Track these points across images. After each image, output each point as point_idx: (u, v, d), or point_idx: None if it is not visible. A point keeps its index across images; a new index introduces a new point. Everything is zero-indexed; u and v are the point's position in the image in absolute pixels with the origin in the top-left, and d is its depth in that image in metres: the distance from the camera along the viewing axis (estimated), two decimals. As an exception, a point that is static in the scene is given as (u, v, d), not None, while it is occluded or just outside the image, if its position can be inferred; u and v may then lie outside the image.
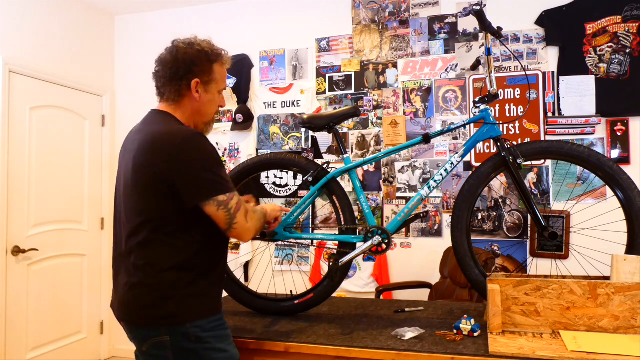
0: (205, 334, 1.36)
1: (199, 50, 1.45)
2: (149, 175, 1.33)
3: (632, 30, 3.01)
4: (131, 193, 1.38)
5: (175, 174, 1.31)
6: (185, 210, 1.34)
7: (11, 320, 3.07)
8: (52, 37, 3.49)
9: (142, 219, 1.35)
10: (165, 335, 1.33)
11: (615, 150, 3.02)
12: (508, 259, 3.17)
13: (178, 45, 1.48)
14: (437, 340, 1.53)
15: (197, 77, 1.44)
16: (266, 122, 3.71)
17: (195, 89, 1.45)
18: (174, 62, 1.44)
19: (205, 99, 1.47)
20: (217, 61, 1.49)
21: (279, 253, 3.64)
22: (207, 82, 1.46)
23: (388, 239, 1.77)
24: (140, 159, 1.34)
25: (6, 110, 3.08)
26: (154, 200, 1.34)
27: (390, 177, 3.43)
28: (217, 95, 1.51)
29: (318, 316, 1.87)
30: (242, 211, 1.39)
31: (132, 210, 1.37)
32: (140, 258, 1.35)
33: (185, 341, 1.34)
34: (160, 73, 1.47)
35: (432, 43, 3.40)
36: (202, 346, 1.36)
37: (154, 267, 1.35)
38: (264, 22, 3.78)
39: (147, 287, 1.35)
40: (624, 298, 1.47)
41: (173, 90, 1.45)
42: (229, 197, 1.35)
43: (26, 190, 3.22)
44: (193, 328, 1.34)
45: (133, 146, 1.39)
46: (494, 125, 1.76)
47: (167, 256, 1.35)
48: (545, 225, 1.71)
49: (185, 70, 1.43)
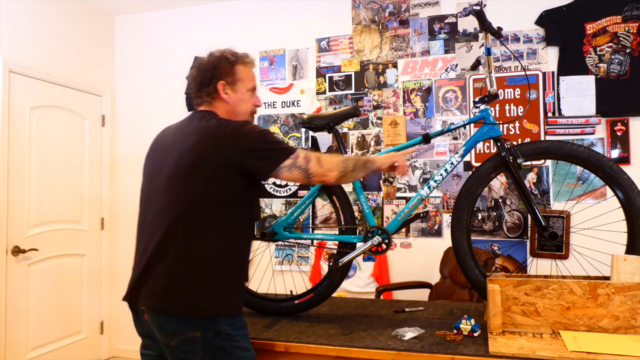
0: (234, 332, 1.39)
1: (218, 56, 1.56)
2: (212, 163, 1.39)
3: (632, 30, 3.01)
4: (185, 184, 1.40)
5: (240, 158, 1.39)
6: (236, 201, 1.41)
7: (11, 320, 3.07)
8: (52, 37, 3.49)
9: (198, 207, 1.38)
10: (197, 331, 1.35)
11: (615, 150, 3.02)
12: (508, 259, 3.17)
13: (200, 59, 1.59)
14: (437, 340, 1.53)
15: (222, 79, 1.53)
16: (266, 122, 3.71)
17: (223, 90, 1.54)
18: (198, 73, 1.56)
19: (235, 98, 1.55)
20: (238, 62, 1.57)
21: (279, 253, 3.64)
22: (233, 82, 1.55)
23: (388, 239, 1.77)
24: (200, 148, 1.40)
25: (6, 110, 3.08)
26: (212, 188, 1.39)
27: (390, 177, 3.43)
28: (247, 94, 1.59)
29: (318, 316, 1.87)
30: (314, 161, 1.48)
31: (182, 200, 1.39)
32: (186, 248, 1.37)
33: (216, 338, 1.36)
34: (191, 85, 1.59)
35: (432, 43, 3.40)
36: (230, 344, 1.38)
37: (199, 258, 1.37)
38: (264, 22, 3.78)
39: (189, 277, 1.36)
40: (624, 298, 1.47)
41: (204, 96, 1.55)
42: (295, 157, 1.45)
43: (26, 190, 3.22)
44: (225, 325, 1.37)
45: (184, 139, 1.44)
46: (494, 125, 1.76)
47: (213, 248, 1.38)
48: (545, 225, 1.71)
49: (210, 76, 1.53)
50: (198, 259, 1.37)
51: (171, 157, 1.45)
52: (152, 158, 1.56)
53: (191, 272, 1.37)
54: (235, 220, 1.44)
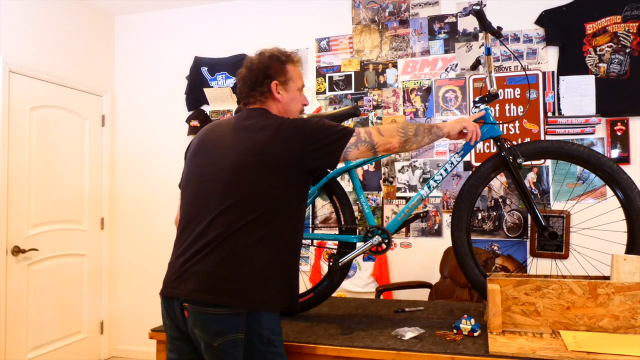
0: (275, 337, 1.39)
1: (269, 56, 1.59)
2: (277, 163, 1.40)
3: (632, 30, 3.01)
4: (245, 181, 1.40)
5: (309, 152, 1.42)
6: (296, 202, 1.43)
7: (11, 320, 3.07)
8: (52, 37, 3.48)
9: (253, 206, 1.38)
10: (240, 333, 1.33)
11: (615, 150, 3.02)
12: (508, 259, 3.17)
13: (251, 59, 1.62)
14: (437, 340, 1.53)
15: (275, 79, 1.56)
16: (266, 122, 3.70)
17: (276, 90, 1.55)
18: (251, 73, 1.57)
19: (287, 97, 1.58)
20: (289, 61, 1.61)
21: (279, 253, 3.64)
22: (285, 82, 1.58)
23: (388, 238, 1.77)
24: (265, 148, 1.41)
25: (6, 110, 3.08)
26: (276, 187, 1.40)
27: (390, 177, 3.43)
28: (298, 94, 1.62)
29: (318, 316, 1.87)
30: (374, 132, 1.50)
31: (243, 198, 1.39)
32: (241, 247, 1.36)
33: (259, 342, 1.35)
34: (243, 86, 1.59)
35: (432, 43, 3.39)
36: (270, 349, 1.37)
37: (254, 257, 1.36)
38: (264, 22, 3.78)
39: (240, 273, 1.35)
40: (624, 298, 1.47)
41: (257, 96, 1.56)
42: (357, 134, 1.47)
43: (26, 190, 3.22)
44: (267, 330, 1.36)
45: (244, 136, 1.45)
46: (494, 125, 1.76)
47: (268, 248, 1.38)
48: (545, 225, 1.71)
49: (263, 76, 1.55)
50: (253, 257, 1.36)
51: (230, 155, 1.44)
52: (202, 155, 1.52)
53: (242, 269, 1.36)
54: (294, 221, 1.45)
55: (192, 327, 1.36)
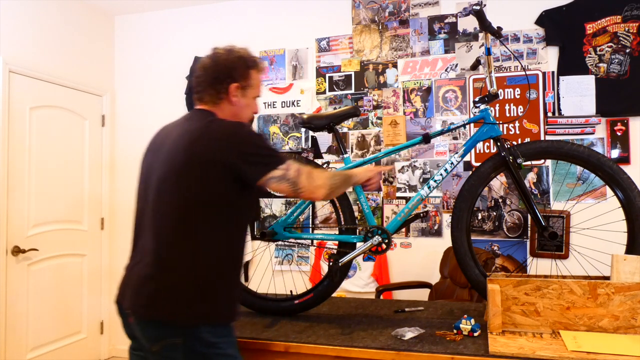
0: (218, 339, 1.36)
1: (238, 57, 1.52)
2: (206, 163, 1.35)
3: (632, 30, 3.01)
4: (178, 184, 1.36)
5: (234, 160, 1.35)
6: (229, 205, 1.37)
7: (11, 320, 3.07)
8: (52, 37, 3.48)
9: (184, 209, 1.35)
10: (179, 338, 1.32)
11: (615, 150, 3.02)
12: (508, 259, 3.17)
13: (218, 52, 1.54)
14: (437, 340, 1.53)
15: (237, 81, 1.50)
16: (266, 122, 3.71)
17: (234, 93, 1.50)
18: (215, 67, 1.50)
19: (242, 103, 1.52)
20: (255, 67, 1.55)
21: (279, 253, 3.64)
22: (245, 87, 1.52)
23: (388, 239, 1.77)
24: (195, 148, 1.36)
25: (6, 110, 3.08)
26: (204, 189, 1.35)
27: (390, 177, 3.43)
28: (252, 101, 1.56)
29: (318, 316, 1.87)
30: (304, 175, 1.42)
31: (174, 201, 1.36)
32: (175, 252, 1.34)
33: (199, 345, 1.33)
34: (202, 78, 1.52)
35: (432, 43, 3.39)
36: (214, 351, 1.35)
37: (186, 262, 1.33)
38: (264, 22, 3.78)
39: (174, 283, 1.33)
40: (624, 298, 1.47)
41: (213, 94, 1.50)
42: (286, 168, 1.40)
43: (26, 190, 3.22)
44: (207, 333, 1.33)
45: (179, 139, 1.40)
46: (493, 125, 1.76)
47: (200, 253, 1.34)
48: (545, 225, 1.71)
49: (225, 75, 1.49)
50: (184, 263, 1.33)
51: (165, 157, 1.41)
52: (147, 157, 1.52)
53: (176, 278, 1.33)
54: (227, 225, 1.39)
55: (136, 332, 1.38)
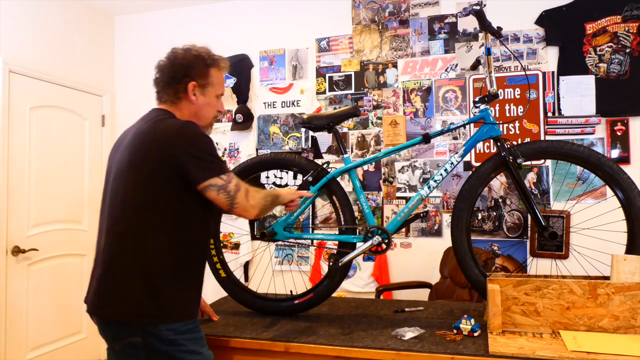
0: (178, 337, 1.35)
1: (195, 55, 1.50)
2: (152, 161, 1.34)
3: (632, 30, 3.01)
4: (127, 183, 1.38)
5: (178, 158, 1.34)
6: (178, 203, 1.36)
7: (11, 320, 3.07)
8: (52, 37, 3.48)
9: (132, 208, 1.35)
10: (137, 337, 1.33)
11: (615, 150, 3.02)
12: (508, 259, 3.17)
13: (176, 51, 1.53)
14: (437, 340, 1.53)
15: (194, 80, 1.48)
16: (266, 122, 3.71)
17: (192, 92, 1.48)
18: (171, 67, 1.49)
19: (202, 102, 1.50)
20: (214, 65, 1.52)
21: (279, 253, 3.64)
22: (204, 86, 1.50)
23: (388, 238, 1.77)
24: (142, 147, 1.36)
25: (6, 110, 3.08)
26: (151, 188, 1.35)
27: (390, 177, 3.43)
28: (214, 99, 1.54)
29: (318, 316, 1.87)
30: (242, 191, 1.42)
31: (124, 200, 1.37)
32: (124, 251, 1.35)
33: (158, 343, 1.33)
34: (160, 78, 1.51)
35: (432, 43, 3.39)
36: (175, 348, 1.35)
37: (137, 262, 1.34)
38: (264, 22, 3.78)
39: (127, 282, 1.34)
40: (624, 298, 1.47)
41: (171, 93, 1.48)
42: (227, 180, 1.39)
43: (26, 190, 3.22)
44: (166, 331, 1.34)
45: (131, 138, 1.41)
46: (493, 125, 1.76)
47: (151, 252, 1.34)
48: (545, 225, 1.71)
49: (182, 74, 1.47)
50: (133, 263, 1.34)
51: (119, 157, 1.43)
52: (110, 158, 1.54)
53: (126, 277, 1.34)
54: (175, 225, 1.37)
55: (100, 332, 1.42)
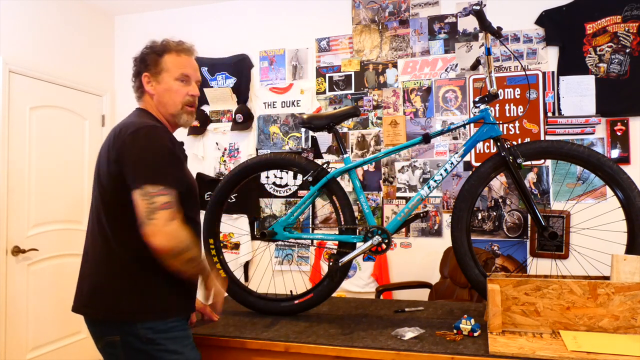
0: (157, 336, 1.36)
1: (147, 47, 1.54)
2: (112, 163, 1.38)
3: (632, 30, 3.01)
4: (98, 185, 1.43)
5: (124, 159, 1.35)
6: None
7: (11, 320, 3.07)
8: (52, 37, 3.48)
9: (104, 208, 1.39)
10: (115, 335, 1.35)
11: (615, 150, 3.02)
12: (508, 259, 3.17)
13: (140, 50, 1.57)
14: (437, 340, 1.53)
15: (146, 71, 1.51)
16: (266, 122, 3.71)
17: (148, 83, 1.52)
18: (133, 64, 1.55)
19: (160, 89, 1.51)
20: (166, 52, 1.52)
21: (279, 253, 3.64)
22: (157, 73, 1.51)
23: (388, 238, 1.77)
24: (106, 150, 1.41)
25: (6, 110, 3.08)
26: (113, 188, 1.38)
27: (390, 177, 3.43)
28: (176, 84, 1.51)
29: (318, 316, 1.87)
30: (167, 213, 1.28)
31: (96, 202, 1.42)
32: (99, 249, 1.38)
33: (137, 341, 1.34)
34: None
35: (432, 43, 3.39)
36: (154, 347, 1.35)
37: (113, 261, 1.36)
38: (264, 22, 3.78)
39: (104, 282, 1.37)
40: (624, 298, 1.47)
41: (136, 90, 1.55)
42: (159, 192, 1.29)
43: (26, 190, 3.22)
44: (144, 329, 1.34)
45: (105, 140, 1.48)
46: (493, 125, 1.76)
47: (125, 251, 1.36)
48: (545, 225, 1.71)
49: (138, 69, 1.53)
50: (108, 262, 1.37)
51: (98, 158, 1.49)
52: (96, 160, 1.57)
53: (102, 276, 1.37)
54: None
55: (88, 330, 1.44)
